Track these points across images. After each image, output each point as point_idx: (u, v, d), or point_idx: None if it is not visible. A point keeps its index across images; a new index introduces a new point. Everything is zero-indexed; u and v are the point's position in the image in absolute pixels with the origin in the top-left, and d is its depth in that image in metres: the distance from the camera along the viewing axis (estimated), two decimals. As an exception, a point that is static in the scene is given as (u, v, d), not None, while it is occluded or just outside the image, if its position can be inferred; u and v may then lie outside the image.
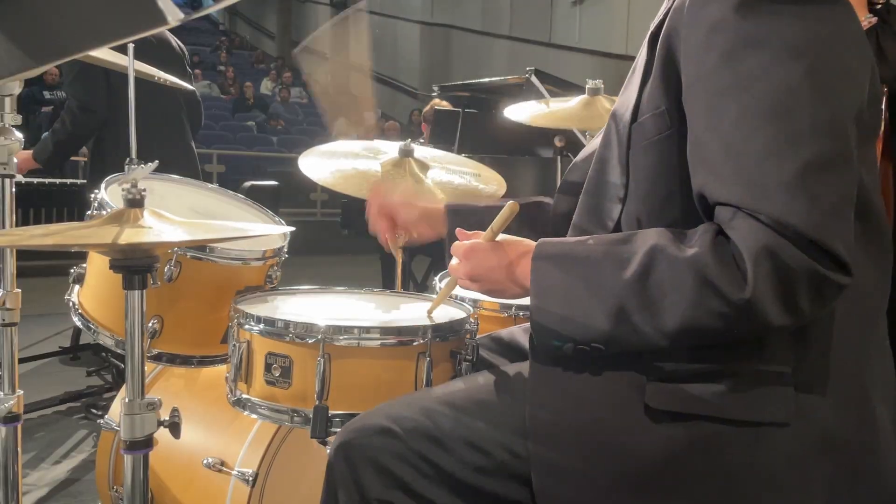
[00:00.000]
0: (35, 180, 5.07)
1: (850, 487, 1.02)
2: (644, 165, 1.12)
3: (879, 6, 2.29)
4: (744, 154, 0.97)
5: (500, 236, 1.21)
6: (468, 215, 1.52)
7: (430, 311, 1.49)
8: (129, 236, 1.16)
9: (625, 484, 1.04)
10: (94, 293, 1.75)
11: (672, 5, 1.10)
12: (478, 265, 1.19)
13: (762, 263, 0.93)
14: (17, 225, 1.77)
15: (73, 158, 5.58)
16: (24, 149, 1.80)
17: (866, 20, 2.21)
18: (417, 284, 4.27)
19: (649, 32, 1.15)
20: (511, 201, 1.21)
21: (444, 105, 5.24)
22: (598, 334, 1.04)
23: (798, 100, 0.96)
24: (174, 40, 3.42)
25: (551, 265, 1.08)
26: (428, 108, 5.38)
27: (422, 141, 4.90)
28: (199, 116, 3.64)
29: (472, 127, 4.60)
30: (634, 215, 1.13)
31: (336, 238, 5.71)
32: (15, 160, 1.70)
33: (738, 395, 1.02)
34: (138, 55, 1.88)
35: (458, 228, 1.27)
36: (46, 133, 3.34)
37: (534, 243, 1.13)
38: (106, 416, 1.98)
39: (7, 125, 1.65)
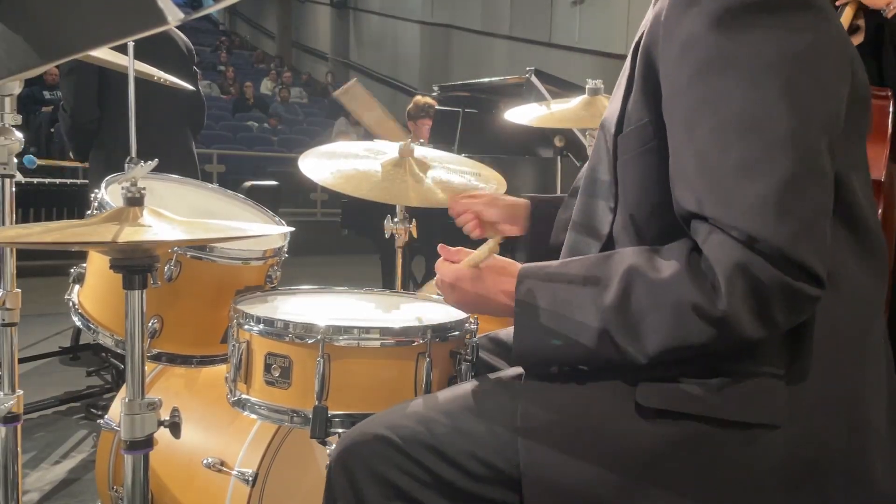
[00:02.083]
0: (35, 180, 5.07)
1: (843, 493, 1.02)
2: (631, 176, 1.13)
3: None
4: (717, 169, 0.98)
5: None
6: (549, 207, 1.57)
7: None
8: (128, 235, 1.16)
9: (614, 480, 1.04)
10: (94, 293, 1.75)
11: (653, 16, 1.11)
12: (463, 296, 1.23)
13: (736, 280, 0.95)
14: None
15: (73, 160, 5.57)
16: (25, 149, 1.80)
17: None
18: (417, 284, 4.27)
19: (634, 42, 1.15)
20: (497, 236, 1.25)
21: (428, 101, 5.24)
22: (581, 359, 1.09)
23: (770, 115, 0.97)
24: (182, 41, 3.41)
25: (533, 294, 1.11)
26: (411, 105, 5.38)
27: (421, 142, 4.90)
28: (201, 118, 3.64)
29: (472, 127, 4.60)
30: (625, 224, 1.14)
31: (336, 238, 5.71)
32: (14, 159, 1.70)
33: (729, 395, 1.02)
34: (143, 55, 1.88)
35: (440, 245, 1.29)
36: None
37: (517, 268, 1.15)
38: (106, 416, 1.98)
39: (7, 125, 1.65)
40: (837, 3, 2.23)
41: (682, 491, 1.02)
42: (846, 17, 2.19)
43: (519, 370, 1.20)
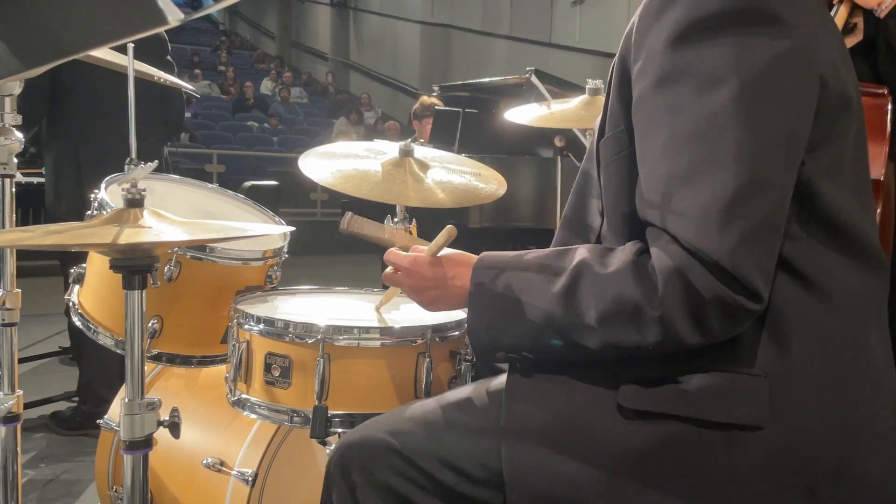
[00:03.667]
0: (35, 180, 5.06)
1: (834, 496, 1.01)
2: (611, 181, 1.15)
3: None
4: (665, 178, 1.00)
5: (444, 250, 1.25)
6: None
7: (377, 308, 1.55)
8: (128, 236, 1.16)
9: (596, 480, 1.04)
10: (94, 293, 1.75)
11: (629, 26, 1.13)
12: (420, 281, 1.24)
13: (673, 283, 0.97)
14: (17, 225, 1.77)
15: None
16: (25, 149, 1.79)
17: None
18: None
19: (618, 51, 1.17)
20: (450, 225, 1.25)
21: (434, 101, 5.24)
22: (526, 343, 1.10)
23: (718, 125, 0.98)
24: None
25: (489, 277, 1.13)
26: (417, 105, 5.39)
27: (421, 141, 4.90)
28: (179, 118, 3.42)
29: (472, 127, 4.60)
30: (608, 228, 1.16)
31: (336, 238, 5.71)
32: (15, 160, 1.70)
33: (710, 396, 1.02)
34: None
35: (389, 250, 1.30)
36: None
37: (474, 257, 1.18)
38: (106, 416, 1.98)
39: (7, 125, 1.65)
40: (834, 2, 2.22)
41: (664, 491, 1.02)
42: (841, 17, 2.18)
43: None
